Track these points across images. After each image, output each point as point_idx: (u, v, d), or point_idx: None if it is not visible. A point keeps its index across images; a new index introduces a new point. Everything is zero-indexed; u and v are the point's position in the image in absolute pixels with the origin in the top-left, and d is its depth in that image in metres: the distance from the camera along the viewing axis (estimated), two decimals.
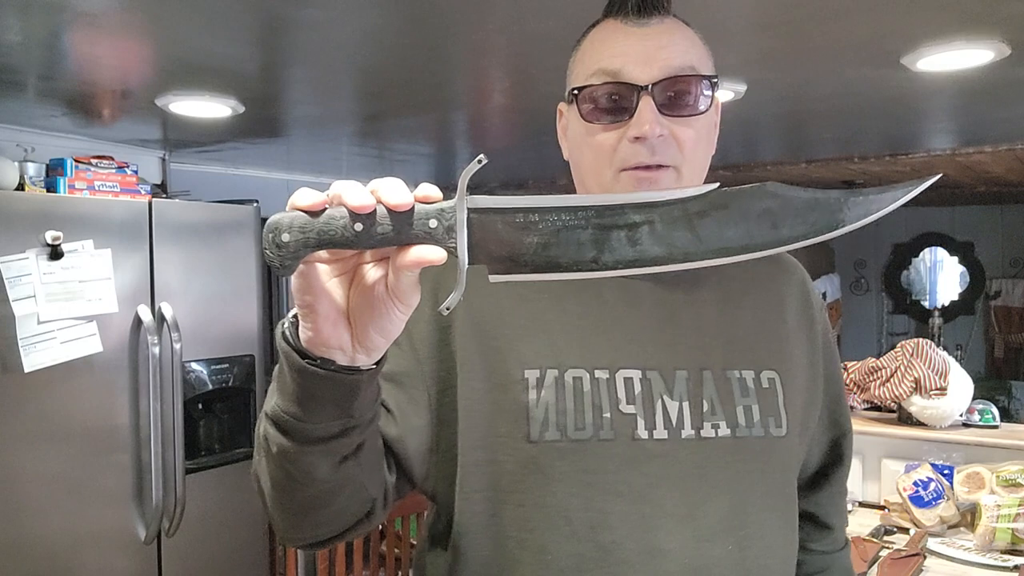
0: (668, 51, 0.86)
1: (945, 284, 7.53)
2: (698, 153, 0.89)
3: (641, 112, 0.84)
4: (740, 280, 0.95)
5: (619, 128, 0.86)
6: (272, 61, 1.96)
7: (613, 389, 0.84)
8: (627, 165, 0.86)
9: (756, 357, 0.91)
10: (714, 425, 0.85)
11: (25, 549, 2.16)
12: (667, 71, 0.85)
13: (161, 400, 2.40)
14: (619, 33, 0.88)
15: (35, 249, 2.16)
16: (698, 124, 0.88)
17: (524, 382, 0.83)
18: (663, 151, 0.85)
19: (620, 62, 0.86)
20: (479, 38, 1.75)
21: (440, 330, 0.86)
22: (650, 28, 0.87)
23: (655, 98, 0.84)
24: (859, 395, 2.74)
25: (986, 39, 1.77)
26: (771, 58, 1.95)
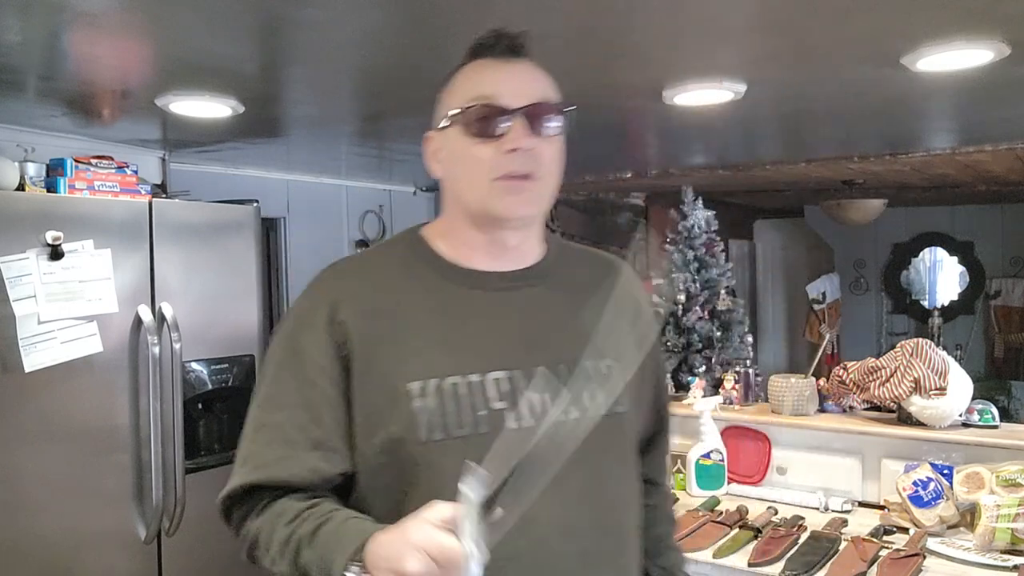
0: (533, 84, 1.08)
1: (945, 284, 7.53)
2: (554, 167, 1.10)
3: (514, 129, 1.04)
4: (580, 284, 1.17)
5: (494, 143, 1.04)
6: (272, 61, 1.96)
7: (484, 390, 1.03)
8: (500, 174, 1.05)
9: (597, 349, 1.09)
10: (568, 410, 1.04)
11: (25, 549, 2.16)
12: (533, 99, 1.06)
13: (161, 400, 2.40)
14: (492, 68, 1.09)
15: (35, 249, 2.16)
16: (555, 143, 1.09)
17: (409, 393, 1.01)
18: (530, 163, 1.05)
19: (495, 89, 1.06)
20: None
21: (337, 347, 1.04)
22: (517, 65, 1.10)
23: (525, 119, 1.05)
24: (859, 395, 2.74)
25: (986, 39, 1.77)
26: (771, 58, 1.95)
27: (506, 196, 1.05)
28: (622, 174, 4.40)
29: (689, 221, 3.41)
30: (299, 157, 3.50)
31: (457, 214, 1.12)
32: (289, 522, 0.98)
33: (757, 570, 2.12)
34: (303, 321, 1.09)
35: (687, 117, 2.61)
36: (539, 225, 1.16)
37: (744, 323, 3.42)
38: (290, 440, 1.04)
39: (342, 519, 0.97)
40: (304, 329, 1.08)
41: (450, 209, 1.13)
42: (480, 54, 1.11)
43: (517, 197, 1.06)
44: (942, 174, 4.51)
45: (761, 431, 2.83)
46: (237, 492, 1.05)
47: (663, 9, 1.57)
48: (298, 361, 1.06)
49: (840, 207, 5.03)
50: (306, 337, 1.07)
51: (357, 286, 1.10)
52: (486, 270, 1.11)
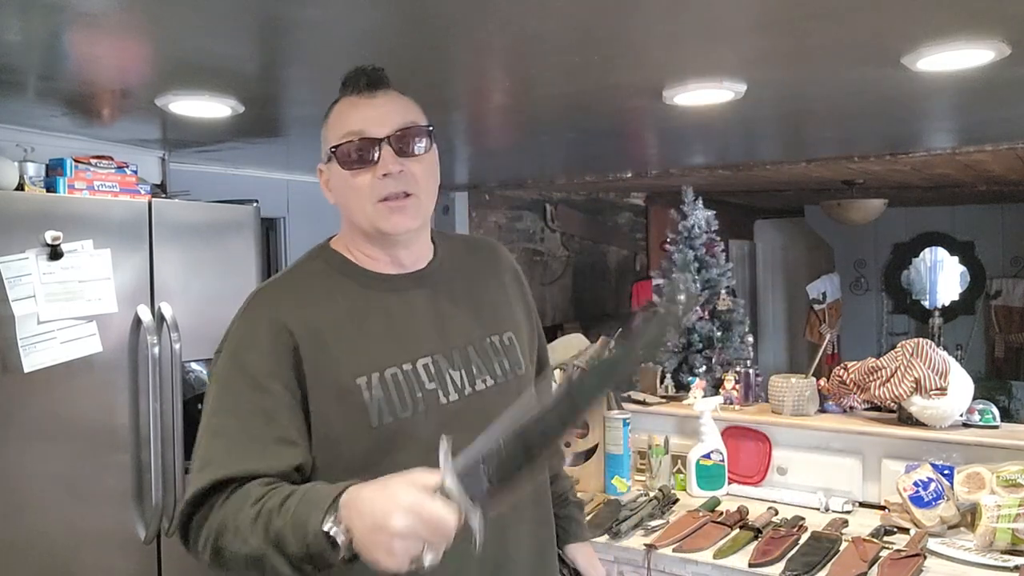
0: (394, 114, 1.23)
1: (945, 284, 7.53)
2: (430, 182, 1.27)
3: (384, 157, 1.20)
4: (475, 274, 1.37)
5: (369, 171, 1.21)
6: (272, 61, 1.96)
7: (417, 375, 1.21)
8: (380, 197, 1.21)
9: (497, 324, 1.33)
10: (483, 380, 1.26)
11: (25, 549, 2.15)
12: (396, 126, 1.21)
13: (161, 400, 2.40)
14: (357, 105, 1.24)
15: (35, 249, 2.16)
16: (425, 161, 1.25)
17: (357, 387, 1.16)
18: (404, 183, 1.21)
19: (362, 124, 1.21)
20: (479, 38, 1.75)
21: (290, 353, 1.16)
22: (378, 99, 1.24)
23: (392, 146, 1.20)
24: (859, 395, 2.74)
25: (986, 39, 1.77)
26: (771, 58, 1.95)
27: (391, 216, 1.21)
28: (622, 174, 4.40)
29: (689, 221, 3.41)
30: (299, 157, 3.50)
31: (355, 232, 1.28)
32: (256, 501, 1.04)
33: (757, 571, 2.12)
34: (246, 339, 1.20)
35: (687, 117, 2.61)
36: (426, 231, 1.34)
37: (744, 323, 3.42)
38: (252, 438, 1.12)
39: (309, 486, 1.04)
40: (249, 345, 1.18)
41: (349, 228, 1.30)
42: (346, 91, 1.26)
43: (401, 215, 1.22)
44: (942, 174, 4.51)
45: (761, 431, 2.83)
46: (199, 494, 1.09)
47: (663, 9, 1.57)
48: (246, 373, 1.16)
49: (840, 207, 5.03)
50: (252, 351, 1.17)
51: (291, 301, 1.22)
52: (394, 273, 1.28)
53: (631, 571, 2.28)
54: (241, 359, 1.17)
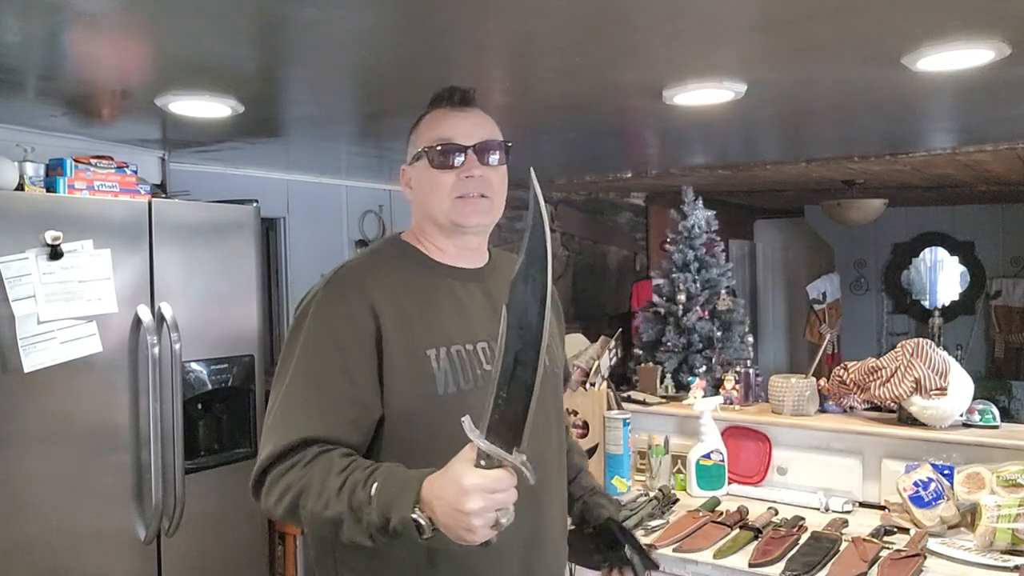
0: (481, 128, 1.44)
1: (945, 284, 7.53)
2: (502, 190, 1.48)
3: (470, 160, 1.41)
4: None
5: (454, 172, 1.40)
6: (272, 61, 1.95)
7: (476, 355, 1.38)
8: (459, 194, 1.40)
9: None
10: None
11: (25, 549, 2.15)
12: (481, 138, 1.42)
13: (161, 400, 2.40)
14: (449, 116, 1.43)
15: (35, 249, 2.16)
16: (500, 171, 1.46)
17: (427, 357, 1.33)
18: (482, 186, 1.41)
19: (453, 132, 1.41)
20: (479, 38, 1.75)
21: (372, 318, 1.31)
22: (467, 113, 1.44)
23: (476, 154, 1.41)
24: (859, 395, 2.74)
25: (986, 39, 1.77)
26: (771, 57, 1.95)
27: (464, 208, 1.40)
28: (622, 174, 4.40)
29: (689, 221, 3.41)
30: (299, 157, 3.49)
31: (428, 226, 1.45)
32: (341, 471, 1.18)
33: (757, 571, 2.12)
34: (333, 306, 1.33)
35: (687, 117, 2.61)
36: (488, 236, 1.52)
37: (744, 323, 3.42)
38: (335, 402, 1.27)
39: (391, 466, 1.19)
40: (335, 312, 1.32)
41: (421, 223, 1.47)
42: (438, 104, 1.45)
43: (475, 209, 1.41)
44: (942, 174, 4.51)
45: (761, 431, 2.83)
46: (284, 449, 1.23)
47: (663, 9, 1.57)
48: (331, 332, 1.30)
49: (840, 207, 5.03)
50: (338, 318, 1.31)
51: (373, 276, 1.38)
52: (458, 266, 1.46)
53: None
54: (328, 324, 1.31)
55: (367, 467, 1.19)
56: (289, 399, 1.29)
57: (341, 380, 1.28)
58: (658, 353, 3.37)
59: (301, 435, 1.24)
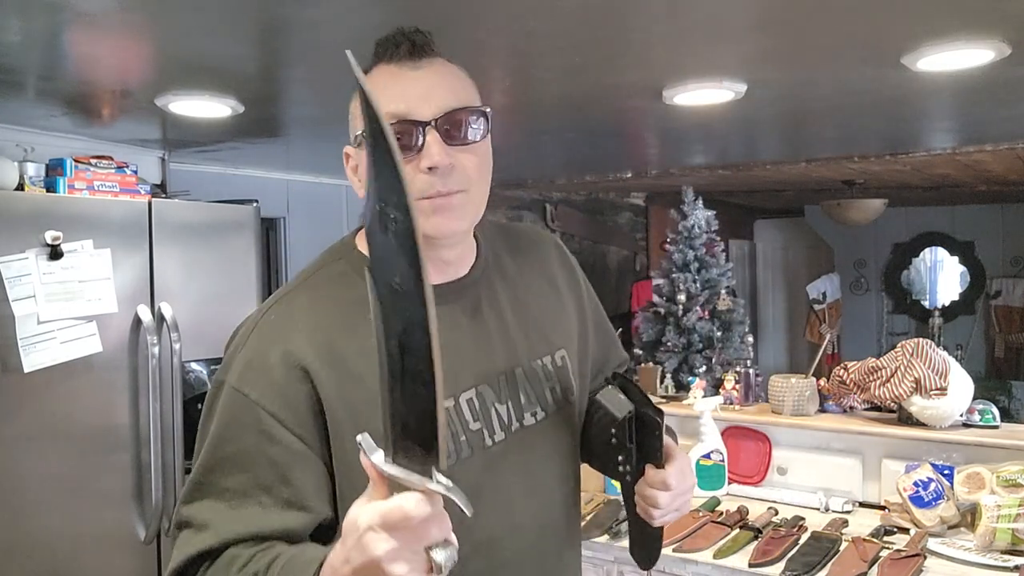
0: (443, 89, 0.98)
1: (945, 284, 7.53)
2: (483, 176, 1.02)
3: (429, 145, 0.95)
4: (520, 275, 1.14)
5: (411, 162, 0.95)
6: (272, 61, 1.95)
7: (461, 413, 1.01)
8: (423, 195, 0.95)
9: (547, 341, 1.12)
10: (532, 412, 1.08)
11: (25, 549, 2.15)
12: (446, 107, 0.96)
13: (161, 400, 2.40)
14: (397, 77, 0.98)
15: (35, 249, 2.16)
16: (479, 151, 1.00)
17: None
18: (453, 178, 0.97)
19: (404, 104, 0.95)
20: (479, 38, 1.75)
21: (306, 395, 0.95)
22: (423, 70, 0.98)
23: (439, 131, 0.95)
24: (859, 395, 2.74)
25: (986, 38, 1.77)
26: (771, 57, 1.95)
27: (432, 216, 0.96)
28: (622, 174, 4.40)
29: (689, 221, 3.41)
30: (299, 157, 3.50)
31: None
32: (242, 567, 0.90)
33: (757, 570, 2.12)
34: (254, 374, 0.96)
35: (687, 117, 2.61)
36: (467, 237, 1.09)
37: (744, 323, 3.42)
38: (256, 502, 0.93)
39: (294, 552, 0.89)
40: (257, 381, 0.95)
41: None
42: (382, 58, 1.01)
43: (445, 215, 0.97)
44: (942, 174, 4.51)
45: (761, 431, 2.83)
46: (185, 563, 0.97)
47: (663, 9, 1.57)
48: (254, 417, 0.94)
49: (840, 207, 5.03)
50: (260, 390, 0.95)
51: (306, 324, 0.98)
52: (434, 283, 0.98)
53: (631, 571, 2.28)
54: (248, 398, 0.95)
55: (273, 553, 0.90)
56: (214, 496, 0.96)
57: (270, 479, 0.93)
58: (658, 353, 3.37)
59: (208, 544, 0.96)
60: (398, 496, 0.72)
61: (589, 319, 1.24)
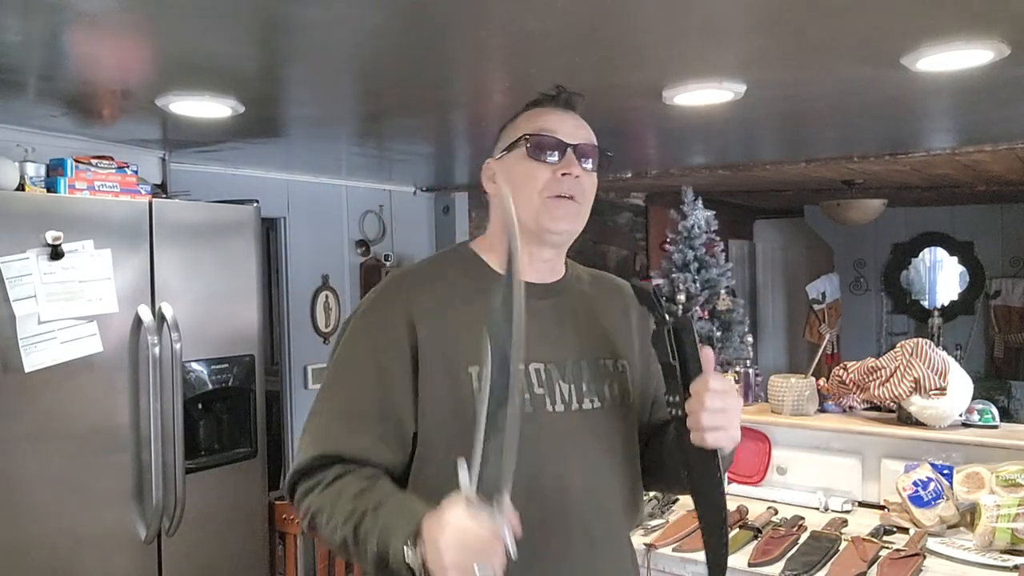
0: (583, 130, 1.33)
1: (945, 284, 7.53)
2: (591, 197, 1.32)
3: (569, 158, 1.28)
4: (594, 297, 1.40)
5: (552, 167, 1.27)
6: (272, 61, 1.96)
7: (529, 377, 1.24)
8: (552, 193, 1.26)
9: (613, 349, 1.35)
10: (591, 399, 1.28)
11: (25, 549, 2.16)
12: (584, 140, 1.31)
13: (161, 400, 2.40)
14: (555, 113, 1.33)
15: (35, 249, 2.16)
16: (594, 178, 1.33)
17: (468, 376, 1.21)
18: (576, 188, 1.28)
19: (557, 127, 1.30)
20: (479, 38, 1.75)
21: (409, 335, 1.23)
22: (572, 115, 1.34)
23: (576, 153, 1.28)
24: (858, 395, 2.74)
25: (986, 39, 1.77)
26: (770, 58, 1.95)
27: (555, 211, 1.26)
28: (622, 174, 4.40)
29: (689, 221, 3.41)
30: (299, 157, 3.50)
31: (503, 230, 1.23)
32: (354, 496, 1.13)
33: (757, 570, 2.12)
34: (375, 316, 1.27)
35: (687, 117, 2.61)
36: (566, 248, 1.36)
37: (744, 323, 3.43)
38: (360, 412, 1.21)
39: (399, 500, 1.13)
40: (379, 316, 1.26)
41: (497, 226, 1.34)
42: (541, 103, 1.35)
43: (564, 212, 1.27)
44: (942, 174, 4.51)
45: (761, 431, 2.83)
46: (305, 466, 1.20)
47: (663, 9, 1.57)
48: (370, 350, 1.24)
49: (840, 207, 5.03)
50: (377, 321, 1.26)
51: (421, 288, 1.28)
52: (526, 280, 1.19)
53: None
54: (365, 332, 1.26)
55: (382, 494, 1.14)
56: (322, 408, 1.25)
57: (372, 393, 1.22)
58: None
59: (323, 451, 1.20)
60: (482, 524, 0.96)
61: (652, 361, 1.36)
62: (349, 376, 1.25)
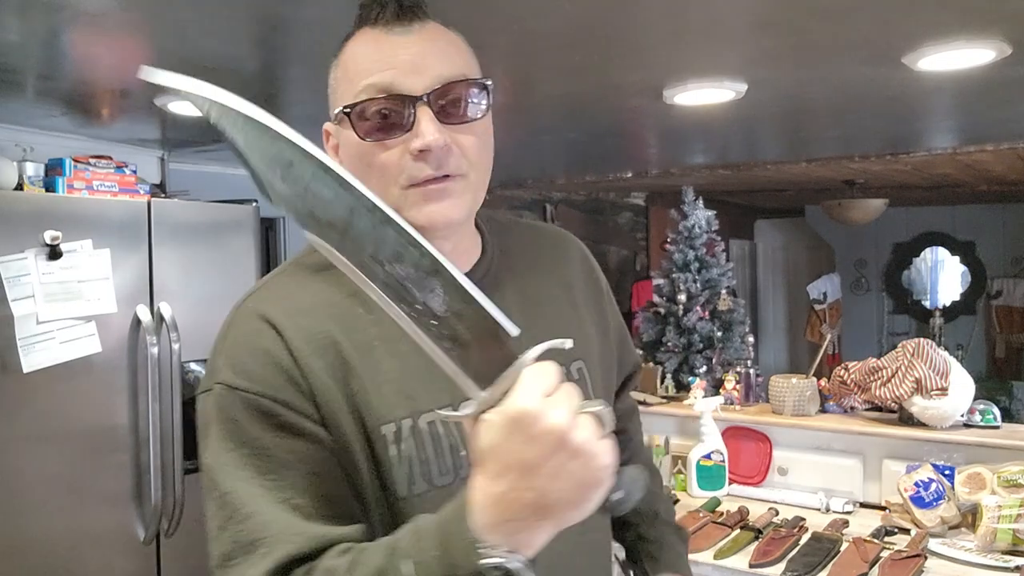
0: (437, 58, 0.84)
1: (946, 284, 7.53)
2: (483, 158, 0.89)
3: (420, 123, 0.82)
4: (528, 276, 0.99)
5: (400, 143, 0.83)
6: (272, 61, 1.95)
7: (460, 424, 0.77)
8: (415, 181, 0.84)
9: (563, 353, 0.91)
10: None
11: (24, 549, 2.15)
12: (440, 79, 0.83)
13: (160, 400, 2.40)
14: (383, 44, 0.84)
15: (34, 249, 2.16)
16: (478, 129, 0.87)
17: (383, 439, 0.82)
18: (449, 161, 0.84)
19: (390, 75, 0.83)
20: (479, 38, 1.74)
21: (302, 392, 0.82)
22: (413, 36, 0.85)
23: (432, 108, 0.82)
24: (859, 395, 2.73)
25: (987, 38, 1.77)
26: (771, 57, 1.95)
27: (425, 205, 0.84)
28: (622, 174, 4.40)
29: (689, 221, 3.40)
30: None
31: None
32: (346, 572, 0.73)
33: (758, 571, 2.12)
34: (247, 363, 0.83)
35: (687, 117, 2.61)
36: (472, 222, 0.96)
37: (745, 323, 3.42)
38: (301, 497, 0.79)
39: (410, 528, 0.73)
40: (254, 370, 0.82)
41: None
42: (367, 20, 0.87)
43: (439, 204, 0.84)
44: (943, 174, 4.51)
45: (762, 432, 2.83)
46: None
47: (664, 9, 1.56)
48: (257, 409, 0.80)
49: (841, 207, 5.03)
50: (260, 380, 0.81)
51: (295, 318, 0.84)
52: None
53: None
54: (241, 393, 0.81)
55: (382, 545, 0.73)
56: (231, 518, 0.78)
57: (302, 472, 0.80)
58: (658, 353, 3.37)
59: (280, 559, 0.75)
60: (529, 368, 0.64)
61: (611, 328, 1.10)
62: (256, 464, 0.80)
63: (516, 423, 0.63)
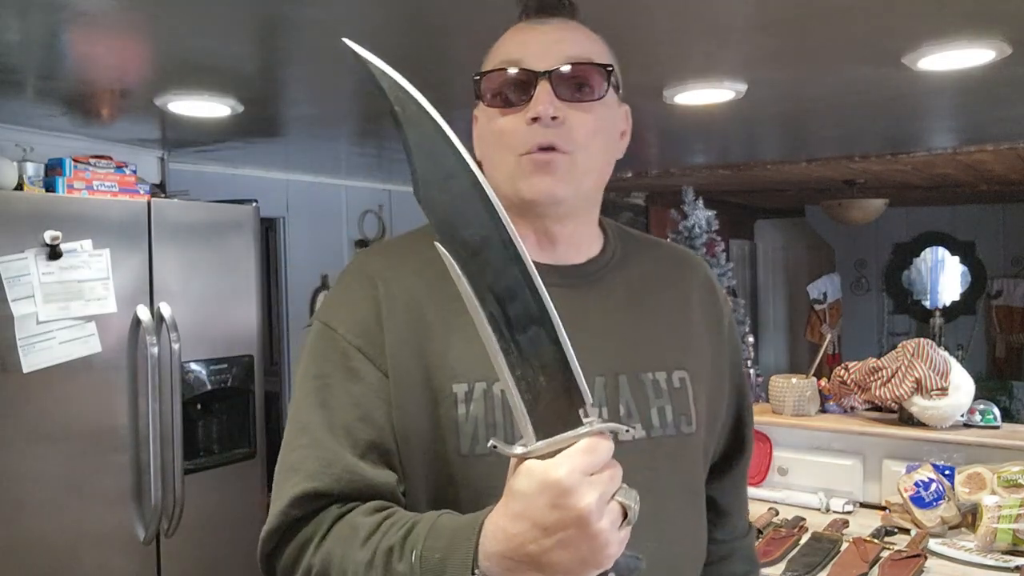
0: (565, 44, 0.91)
1: (946, 284, 7.52)
2: (595, 142, 0.92)
3: (538, 95, 0.88)
4: (644, 281, 1.00)
5: (519, 112, 0.89)
6: (272, 61, 1.95)
7: None
8: (527, 149, 0.88)
9: (667, 357, 0.95)
10: (628, 428, 0.83)
11: (24, 549, 2.15)
12: (563, 59, 0.89)
13: (160, 400, 2.40)
14: (524, 31, 0.95)
15: (34, 249, 2.16)
16: (596, 111, 0.91)
17: (453, 396, 0.85)
18: (556, 134, 0.88)
19: (520, 52, 0.91)
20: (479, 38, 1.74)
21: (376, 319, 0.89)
22: (551, 26, 0.94)
23: (552, 83, 0.88)
24: (860, 395, 2.73)
25: (987, 38, 1.77)
26: (772, 57, 1.95)
27: (531, 175, 0.88)
28: (622, 174, 4.39)
29: (690, 221, 3.41)
30: (298, 157, 3.49)
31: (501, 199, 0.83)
32: (367, 537, 0.77)
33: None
34: (338, 303, 0.93)
35: (688, 117, 2.61)
36: (589, 213, 0.99)
37: (745, 323, 3.42)
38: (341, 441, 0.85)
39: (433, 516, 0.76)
40: (339, 312, 0.91)
41: None
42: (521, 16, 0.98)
43: (543, 175, 0.88)
44: (943, 174, 4.51)
45: (762, 432, 2.83)
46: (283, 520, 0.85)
47: (665, 9, 1.56)
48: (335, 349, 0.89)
49: (841, 207, 5.02)
50: (343, 320, 0.90)
51: (396, 273, 0.91)
52: (542, 262, 0.91)
53: None
54: (331, 331, 0.90)
55: (403, 524, 0.77)
56: (293, 445, 0.88)
57: (353, 417, 0.86)
58: None
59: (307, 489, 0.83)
60: (584, 442, 0.65)
61: (728, 362, 1.07)
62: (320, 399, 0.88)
63: (549, 487, 0.65)
